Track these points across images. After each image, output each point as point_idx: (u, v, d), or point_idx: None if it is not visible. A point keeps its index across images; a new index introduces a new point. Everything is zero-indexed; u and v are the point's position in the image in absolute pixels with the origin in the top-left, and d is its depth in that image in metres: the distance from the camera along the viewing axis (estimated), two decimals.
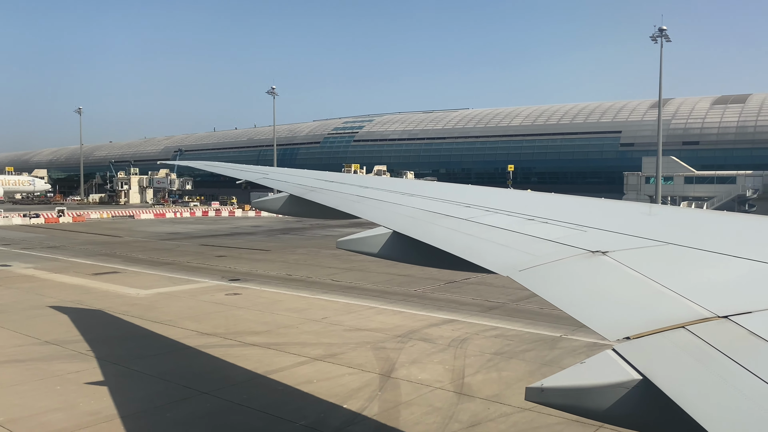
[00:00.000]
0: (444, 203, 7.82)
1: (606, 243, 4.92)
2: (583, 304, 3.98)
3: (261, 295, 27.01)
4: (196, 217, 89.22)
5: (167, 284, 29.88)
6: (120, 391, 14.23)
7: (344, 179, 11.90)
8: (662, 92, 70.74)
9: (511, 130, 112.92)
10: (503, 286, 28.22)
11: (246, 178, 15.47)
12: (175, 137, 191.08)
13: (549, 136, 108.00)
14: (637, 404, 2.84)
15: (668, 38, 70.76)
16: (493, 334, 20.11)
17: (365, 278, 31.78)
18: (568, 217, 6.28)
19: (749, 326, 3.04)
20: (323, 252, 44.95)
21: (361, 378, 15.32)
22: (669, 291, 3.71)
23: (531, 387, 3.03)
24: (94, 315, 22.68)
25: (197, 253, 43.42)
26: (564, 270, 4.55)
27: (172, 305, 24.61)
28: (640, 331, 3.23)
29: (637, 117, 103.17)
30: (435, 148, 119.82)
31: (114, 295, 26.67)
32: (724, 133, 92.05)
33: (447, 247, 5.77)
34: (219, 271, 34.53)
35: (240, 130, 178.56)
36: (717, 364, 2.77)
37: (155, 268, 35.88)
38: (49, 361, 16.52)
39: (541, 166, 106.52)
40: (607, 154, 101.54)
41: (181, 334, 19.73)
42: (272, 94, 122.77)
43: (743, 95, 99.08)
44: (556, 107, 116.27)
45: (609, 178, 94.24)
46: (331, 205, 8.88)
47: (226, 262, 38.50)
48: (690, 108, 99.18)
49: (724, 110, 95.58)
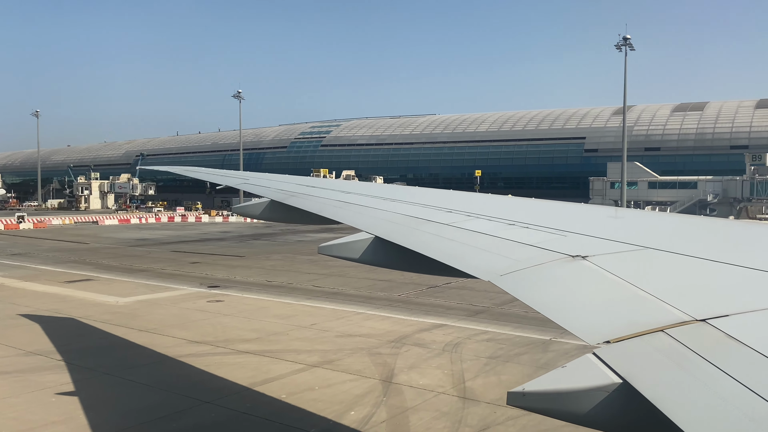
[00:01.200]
0: (426, 208, 7.84)
1: (586, 247, 4.99)
2: (564, 309, 4.01)
3: (244, 302, 26.67)
4: (163, 222, 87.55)
5: (145, 291, 29.24)
6: (119, 401, 13.87)
7: (325, 184, 11.87)
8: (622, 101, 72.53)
9: (478, 136, 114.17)
10: (485, 290, 28.44)
11: (226, 183, 15.32)
12: (137, 141, 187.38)
13: (515, 142, 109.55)
14: (617, 407, 2.87)
15: (632, 47, 72.61)
16: (485, 338, 20.28)
17: (347, 284, 31.68)
18: (549, 221, 6.36)
19: (726, 329, 3.09)
20: (299, 258, 44.66)
21: (362, 384, 15.27)
22: (648, 295, 3.75)
23: (513, 391, 3.04)
24: (75, 324, 22.05)
25: (170, 260, 42.62)
26: (545, 274, 4.60)
27: (155, 313, 24.10)
28: (620, 335, 3.27)
29: (600, 123, 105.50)
30: (403, 153, 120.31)
31: (91, 304, 25.98)
32: (684, 140, 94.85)
33: (429, 252, 5.80)
34: (196, 278, 33.96)
35: (204, 134, 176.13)
36: (695, 368, 2.81)
37: (129, 275, 35.09)
38: (38, 373, 15.99)
39: (508, 172, 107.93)
40: (572, 160, 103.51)
41: (170, 343, 19.34)
42: (238, 97, 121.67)
43: (701, 103, 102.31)
44: (521, 113, 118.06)
45: (574, 183, 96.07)
46: (312, 210, 8.85)
47: (201, 269, 37.89)
48: (651, 115, 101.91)
49: (684, 117, 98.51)
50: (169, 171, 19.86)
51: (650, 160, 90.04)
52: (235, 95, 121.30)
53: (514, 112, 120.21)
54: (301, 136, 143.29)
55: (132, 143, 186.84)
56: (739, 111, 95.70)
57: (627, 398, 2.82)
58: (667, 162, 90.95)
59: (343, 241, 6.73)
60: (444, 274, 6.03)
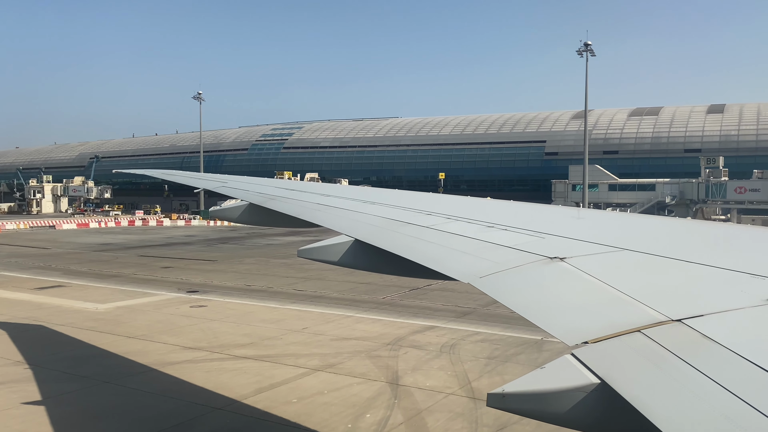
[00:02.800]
0: (406, 211, 7.86)
1: (563, 249, 5.04)
2: (542, 310, 4.03)
3: (228, 307, 26.31)
4: (123, 226, 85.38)
5: (123, 297, 28.54)
6: (127, 411, 13.55)
7: (305, 187, 11.89)
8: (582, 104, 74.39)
9: (441, 139, 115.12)
10: (466, 291, 28.75)
11: (204, 186, 15.20)
12: (91, 143, 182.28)
13: (478, 145, 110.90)
14: (595, 407, 2.89)
15: (593, 53, 74.52)
16: (478, 339, 20.54)
17: (328, 287, 31.58)
18: (527, 224, 6.43)
19: (701, 329, 3.14)
20: (273, 261, 44.29)
21: (370, 387, 15.29)
22: (625, 296, 3.78)
23: (493, 393, 3.03)
24: (59, 332, 21.37)
25: (141, 265, 41.66)
26: (523, 276, 4.64)
27: (139, 319, 23.57)
28: (598, 336, 3.28)
29: (560, 127, 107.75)
30: (367, 156, 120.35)
31: (70, 311, 25.22)
32: (640, 143, 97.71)
33: (409, 254, 5.82)
34: (172, 283, 33.31)
35: (161, 136, 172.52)
36: (671, 367, 2.84)
37: (102, 280, 34.17)
38: (34, 383, 15.46)
39: (471, 174, 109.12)
40: (533, 163, 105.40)
41: (163, 349, 18.96)
42: (198, 99, 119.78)
43: (656, 108, 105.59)
44: (483, 117, 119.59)
45: (535, 185, 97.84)
46: (292, 213, 8.81)
47: (175, 274, 37.18)
48: (609, 119, 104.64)
49: (640, 122, 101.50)
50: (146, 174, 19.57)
51: (609, 163, 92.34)
52: (195, 96, 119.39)
53: (477, 115, 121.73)
54: (262, 138, 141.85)
55: (86, 145, 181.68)
56: (691, 116, 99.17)
57: (605, 398, 2.84)
58: (624, 165, 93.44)
59: (323, 244, 6.74)
60: (424, 277, 6.06)
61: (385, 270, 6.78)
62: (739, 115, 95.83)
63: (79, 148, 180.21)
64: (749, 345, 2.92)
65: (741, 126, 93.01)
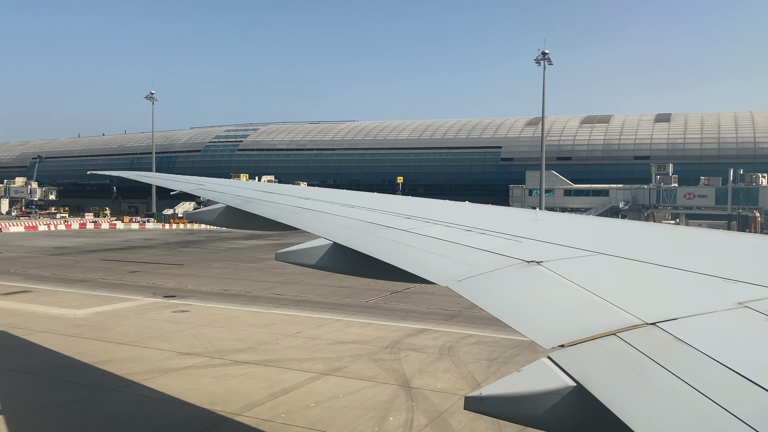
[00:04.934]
0: (385, 214, 7.87)
1: (540, 253, 5.10)
2: (519, 313, 4.07)
3: (213, 312, 25.88)
4: (74, 230, 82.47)
5: (99, 303, 27.67)
6: (146, 419, 13.22)
7: (283, 190, 11.88)
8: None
9: (399, 143, 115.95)
10: (445, 294, 29.12)
11: (182, 188, 15.04)
12: (33, 143, 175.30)
13: (435, 150, 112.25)
14: (572, 410, 2.92)
15: (550, 61, 76.60)
16: (472, 342, 20.87)
17: (307, 291, 31.43)
18: (505, 227, 6.48)
19: (675, 332, 3.21)
20: (243, 265, 43.72)
21: (384, 390, 15.38)
22: (601, 299, 3.84)
23: (470, 396, 3.06)
24: (41, 338, 20.54)
25: (106, 269, 40.42)
26: (501, 280, 4.67)
27: (124, 325, 22.93)
28: (573, 339, 3.32)
29: (515, 134, 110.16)
30: (324, 159, 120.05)
31: (47, 317, 24.30)
32: (592, 150, 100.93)
33: (388, 258, 5.84)
34: (145, 288, 32.48)
35: (109, 137, 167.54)
36: (646, 369, 2.88)
37: (69, 285, 33.01)
38: (36, 392, 14.89)
39: (428, 179, 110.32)
40: (489, 168, 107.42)
41: (159, 356, 18.53)
42: (151, 99, 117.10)
43: (607, 116, 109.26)
44: (440, 122, 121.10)
45: (491, 190, 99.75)
46: (270, 216, 8.74)
47: (145, 278, 36.25)
48: (562, 126, 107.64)
49: (592, 129, 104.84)
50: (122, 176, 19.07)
51: (562, 168, 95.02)
52: (148, 96, 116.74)
53: (434, 120, 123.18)
54: (216, 140, 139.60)
55: (27, 144, 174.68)
56: (640, 124, 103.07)
57: (581, 401, 2.88)
58: (578, 171, 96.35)
59: (301, 247, 6.71)
60: (402, 280, 6.12)
61: (364, 273, 6.76)
62: (685, 125, 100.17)
63: (20, 147, 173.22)
64: (721, 348, 2.99)
65: (686, 135, 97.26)
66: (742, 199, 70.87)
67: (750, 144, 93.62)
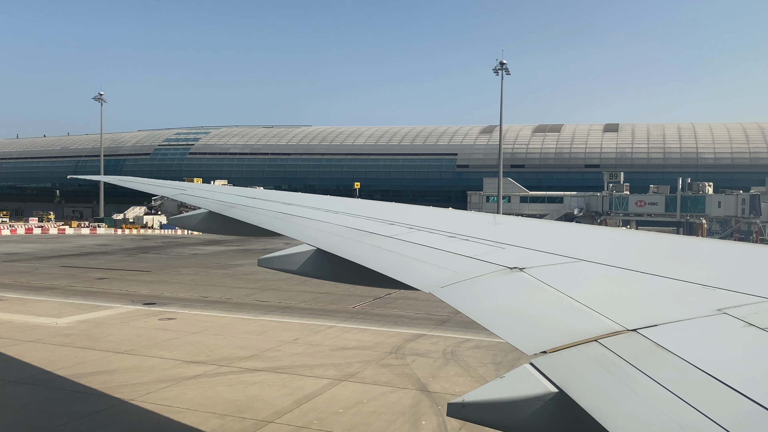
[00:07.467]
0: (369, 220, 7.85)
1: (523, 259, 5.15)
2: (502, 319, 4.07)
3: (200, 319, 25.40)
4: (21, 235, 78.98)
5: (76, 311, 26.74)
6: (178, 429, 12.94)
7: (266, 196, 11.91)
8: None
9: (355, 149, 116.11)
10: (428, 300, 29.47)
11: (163, 193, 15.08)
12: None
13: (392, 156, 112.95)
14: (554, 416, 2.93)
15: (508, 71, 78.43)
16: (472, 346, 21.24)
17: (289, 297, 31.21)
18: (487, 234, 6.53)
19: (655, 338, 3.22)
20: (212, 272, 42.96)
21: (406, 395, 15.53)
22: (582, 306, 3.86)
23: (453, 402, 3.05)
24: (32, 348, 19.77)
25: (71, 276, 39.00)
26: (483, 286, 4.68)
27: (114, 333, 22.26)
28: (556, 345, 3.33)
29: (470, 141, 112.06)
30: (280, 164, 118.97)
31: (28, 326, 23.33)
32: (545, 158, 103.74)
33: (372, 264, 5.85)
34: (120, 295, 31.55)
35: (51, 138, 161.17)
36: (627, 376, 2.90)
37: (37, 293, 31.74)
38: (51, 404, 14.34)
39: (385, 185, 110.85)
40: (445, 175, 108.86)
41: (163, 364, 18.13)
42: (100, 100, 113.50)
43: (558, 125, 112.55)
44: (396, 128, 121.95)
45: (447, 196, 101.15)
46: (253, 222, 8.71)
47: (116, 285, 35.19)
48: (515, 134, 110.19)
49: (544, 138, 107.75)
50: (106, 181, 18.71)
51: (517, 176, 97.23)
52: (96, 97, 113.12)
53: (390, 126, 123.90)
54: (166, 143, 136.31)
55: None
56: (590, 134, 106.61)
57: (563, 407, 2.90)
58: (531, 178, 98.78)
59: (284, 253, 6.71)
60: (385, 286, 6.12)
61: (346, 279, 6.75)
62: (632, 134, 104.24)
63: None
64: (700, 354, 3.03)
65: (634, 144, 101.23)
66: (690, 207, 74.32)
67: (693, 154, 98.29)
